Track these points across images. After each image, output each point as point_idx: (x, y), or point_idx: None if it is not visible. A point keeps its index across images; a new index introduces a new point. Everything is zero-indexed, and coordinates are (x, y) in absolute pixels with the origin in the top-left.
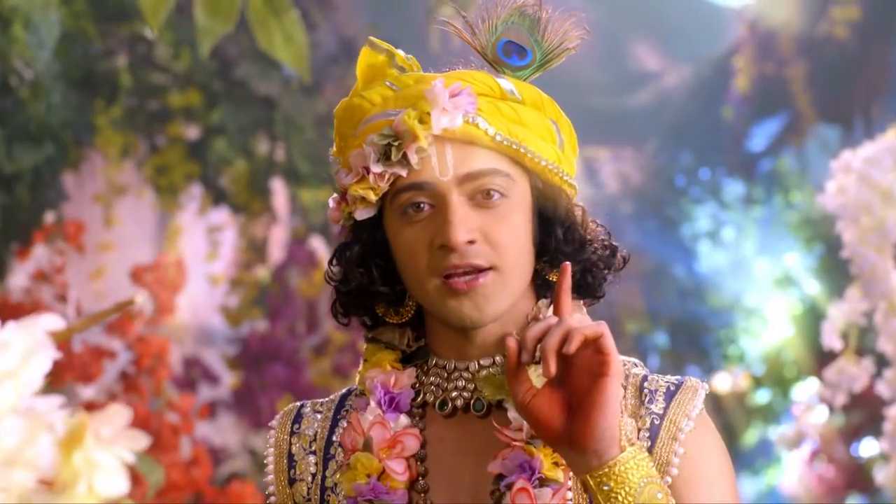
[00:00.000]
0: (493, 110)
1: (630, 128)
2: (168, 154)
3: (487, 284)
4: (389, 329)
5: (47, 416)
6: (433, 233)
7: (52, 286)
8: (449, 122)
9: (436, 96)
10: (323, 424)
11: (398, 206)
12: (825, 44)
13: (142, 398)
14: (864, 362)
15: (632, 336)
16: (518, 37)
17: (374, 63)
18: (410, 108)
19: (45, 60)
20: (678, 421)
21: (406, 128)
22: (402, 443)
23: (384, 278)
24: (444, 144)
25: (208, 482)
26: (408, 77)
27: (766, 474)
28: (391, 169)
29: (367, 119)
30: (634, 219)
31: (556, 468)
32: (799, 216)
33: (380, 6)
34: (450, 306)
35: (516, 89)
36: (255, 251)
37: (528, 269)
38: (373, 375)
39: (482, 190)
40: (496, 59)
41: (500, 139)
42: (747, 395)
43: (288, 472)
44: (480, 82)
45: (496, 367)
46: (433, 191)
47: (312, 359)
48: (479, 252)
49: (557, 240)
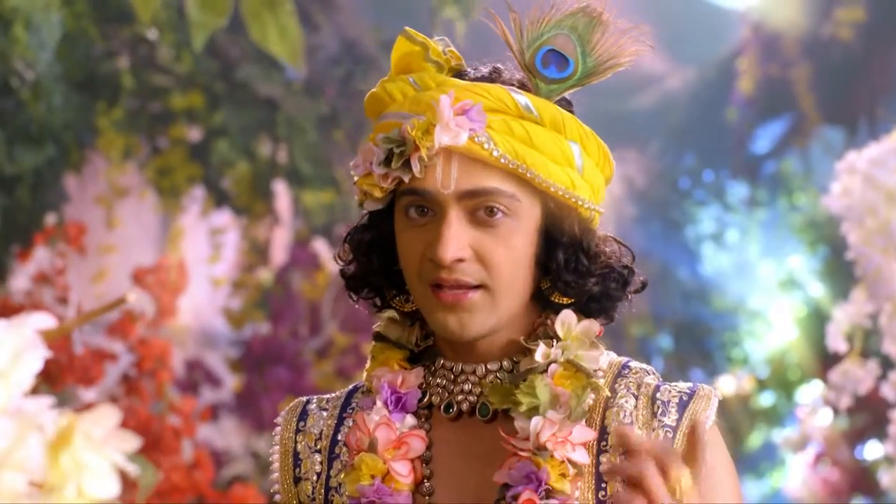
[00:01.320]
0: (504, 129)
1: (633, 130)
2: (170, 156)
3: (475, 301)
4: (397, 325)
5: (37, 417)
6: (427, 243)
7: (53, 288)
8: (451, 140)
9: (440, 112)
10: (329, 423)
11: (403, 206)
12: (829, 45)
13: (143, 401)
14: (870, 364)
15: (635, 339)
16: (564, 46)
17: (409, 53)
18: (421, 113)
19: (47, 61)
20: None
21: (410, 138)
22: (408, 444)
23: (387, 269)
24: (451, 156)
25: (210, 485)
26: (430, 79)
27: (770, 477)
28: (393, 173)
29: (384, 114)
30: (638, 221)
31: (563, 480)
32: (803, 218)
33: (383, 8)
34: (436, 317)
35: (534, 107)
36: (258, 253)
37: (524, 290)
38: (380, 374)
39: (485, 207)
40: (532, 67)
41: (504, 161)
42: (751, 397)
43: (293, 470)
44: (495, 98)
45: (503, 372)
46: (433, 200)
47: (315, 361)
48: (467, 270)
49: (559, 265)
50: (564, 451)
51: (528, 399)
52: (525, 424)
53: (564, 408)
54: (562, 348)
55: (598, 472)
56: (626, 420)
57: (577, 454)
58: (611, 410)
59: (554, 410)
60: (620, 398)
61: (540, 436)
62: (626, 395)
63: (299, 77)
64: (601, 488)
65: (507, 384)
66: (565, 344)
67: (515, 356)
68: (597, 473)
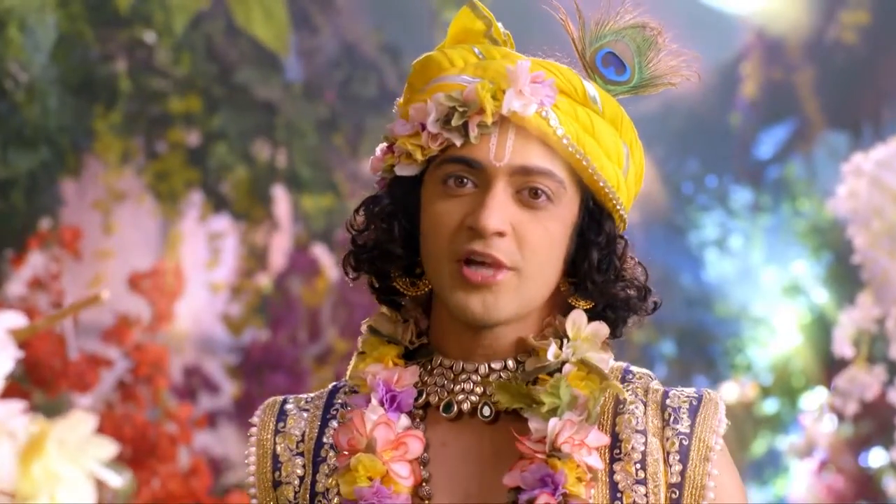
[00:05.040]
0: (570, 111)
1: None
2: (168, 160)
3: (502, 284)
4: (390, 320)
5: (7, 423)
6: (466, 212)
7: (48, 294)
8: (521, 108)
9: (517, 76)
10: (311, 424)
11: (441, 175)
12: (834, 49)
13: (139, 407)
14: (876, 370)
15: (639, 345)
16: (623, 52)
17: (471, 27)
18: (488, 80)
19: (41, 64)
20: (707, 439)
21: (476, 98)
22: (406, 445)
23: (405, 242)
24: (509, 129)
25: (207, 493)
26: (496, 50)
27: (775, 484)
28: (447, 134)
29: (441, 77)
30: (641, 226)
31: (580, 483)
32: (807, 224)
33: (383, 10)
34: (458, 297)
35: (600, 99)
36: (257, 259)
37: (550, 282)
38: (374, 371)
39: (530, 187)
40: (593, 65)
41: (566, 143)
42: (755, 404)
43: (272, 473)
44: (566, 79)
45: (508, 371)
46: (482, 171)
47: (315, 368)
48: (504, 247)
49: (591, 265)
50: (580, 454)
51: (551, 399)
52: (541, 425)
53: (581, 410)
54: (572, 349)
55: (612, 480)
56: (639, 427)
57: (593, 459)
58: (621, 417)
59: (572, 412)
60: (630, 404)
61: (558, 437)
62: (636, 402)
63: (299, 80)
64: (617, 497)
65: (518, 383)
66: (575, 344)
67: (520, 356)
68: (611, 482)
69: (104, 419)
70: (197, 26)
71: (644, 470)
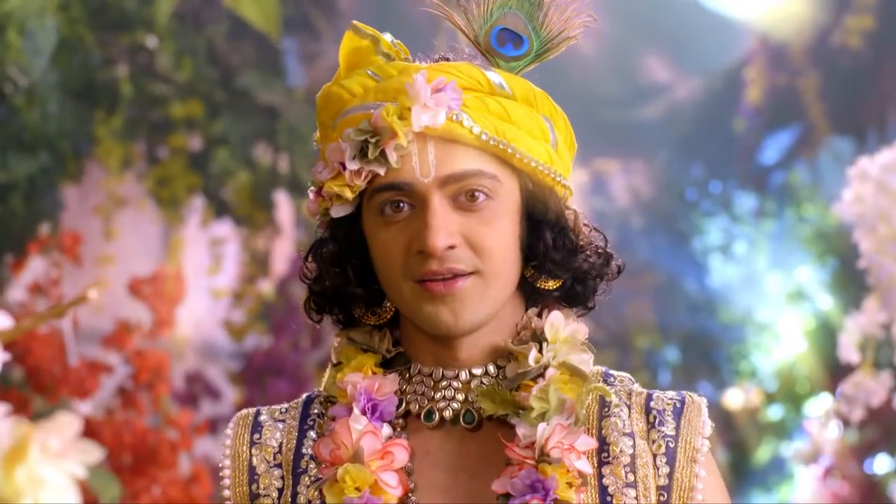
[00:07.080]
0: (480, 106)
1: (640, 140)
2: (169, 165)
3: (467, 289)
4: (364, 331)
5: None
6: (411, 236)
7: (48, 299)
8: (430, 120)
9: (417, 91)
10: (288, 435)
11: (376, 205)
12: (838, 54)
13: (140, 414)
14: (882, 376)
15: (643, 351)
16: (515, 24)
17: (358, 48)
18: (391, 101)
19: (42, 68)
20: (693, 440)
21: (384, 124)
22: (392, 454)
23: (360, 278)
24: (427, 142)
25: (208, 500)
26: (391, 67)
27: (779, 491)
28: (368, 167)
29: (345, 111)
30: (645, 233)
31: (570, 489)
32: (811, 230)
33: (386, 15)
34: (426, 311)
35: (506, 83)
36: (259, 264)
37: (513, 276)
38: (355, 380)
39: (466, 191)
40: (489, 48)
41: (485, 138)
42: (759, 410)
43: (249, 486)
44: (466, 75)
45: (489, 377)
46: (413, 192)
47: (317, 374)
48: (459, 257)
49: (547, 245)
50: (570, 459)
51: (541, 404)
52: (529, 431)
53: (568, 413)
54: (553, 352)
55: (601, 484)
56: (626, 430)
57: (582, 463)
58: (607, 420)
59: (560, 416)
60: (615, 407)
61: (548, 442)
62: (620, 405)
63: (300, 85)
64: (607, 501)
65: (500, 389)
66: (555, 347)
67: (499, 360)
68: (600, 486)
69: (104, 426)
70: (199, 31)
71: (634, 473)
